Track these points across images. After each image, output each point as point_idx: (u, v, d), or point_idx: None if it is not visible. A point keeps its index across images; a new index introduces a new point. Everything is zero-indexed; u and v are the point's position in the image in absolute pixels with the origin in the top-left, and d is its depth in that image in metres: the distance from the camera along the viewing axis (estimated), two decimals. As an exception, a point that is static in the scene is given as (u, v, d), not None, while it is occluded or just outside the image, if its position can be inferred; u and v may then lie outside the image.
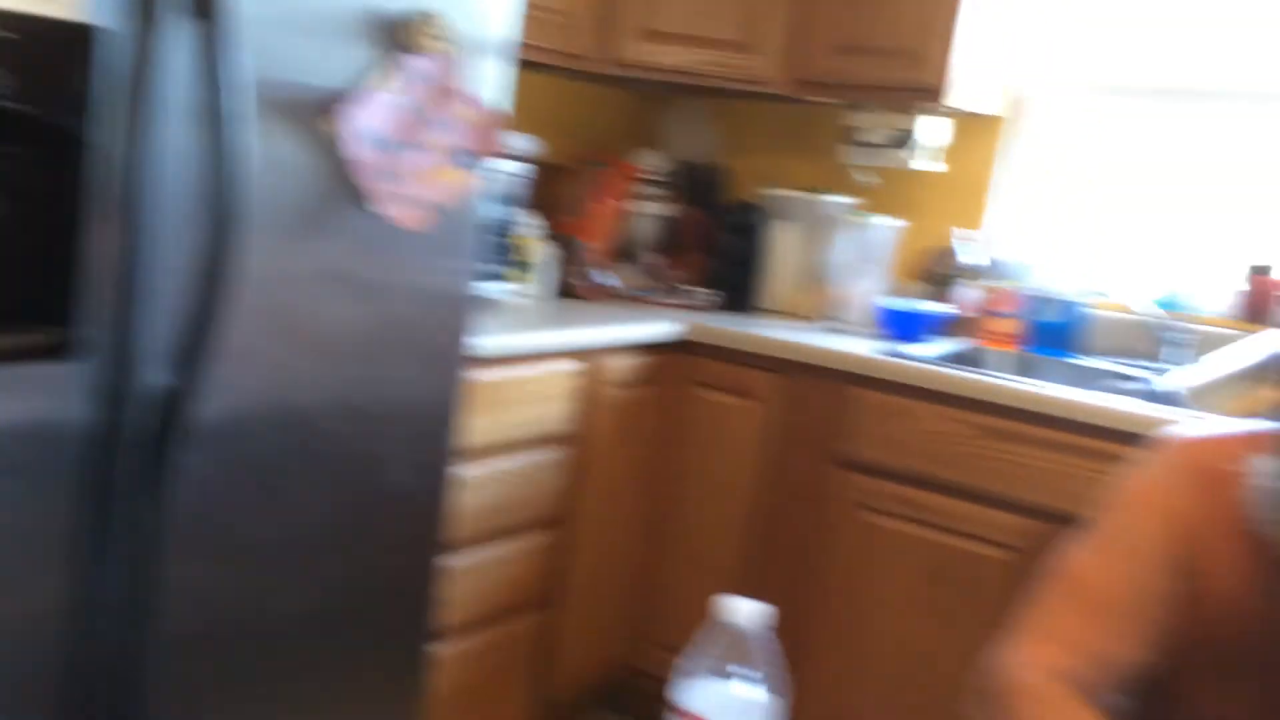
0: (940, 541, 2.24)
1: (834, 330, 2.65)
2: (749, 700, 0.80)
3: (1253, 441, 1.08)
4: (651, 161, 2.92)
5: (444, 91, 1.48)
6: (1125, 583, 1.10)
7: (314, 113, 1.44)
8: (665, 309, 2.73)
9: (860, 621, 2.35)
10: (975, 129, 2.80)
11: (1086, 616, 1.10)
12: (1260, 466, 1.03)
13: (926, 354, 2.46)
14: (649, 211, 2.91)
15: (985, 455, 2.19)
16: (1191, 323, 2.49)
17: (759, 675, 0.80)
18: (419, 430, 1.81)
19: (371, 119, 1.42)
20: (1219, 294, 2.53)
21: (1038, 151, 2.80)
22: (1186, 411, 2.06)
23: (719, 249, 2.87)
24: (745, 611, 0.81)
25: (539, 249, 2.65)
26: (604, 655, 2.57)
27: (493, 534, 2.21)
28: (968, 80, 2.59)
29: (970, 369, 2.42)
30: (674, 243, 3.00)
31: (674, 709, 0.83)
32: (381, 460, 1.77)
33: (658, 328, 2.49)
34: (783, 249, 2.86)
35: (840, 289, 2.70)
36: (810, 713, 2.41)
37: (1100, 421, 2.04)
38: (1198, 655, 1.10)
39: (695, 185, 3.05)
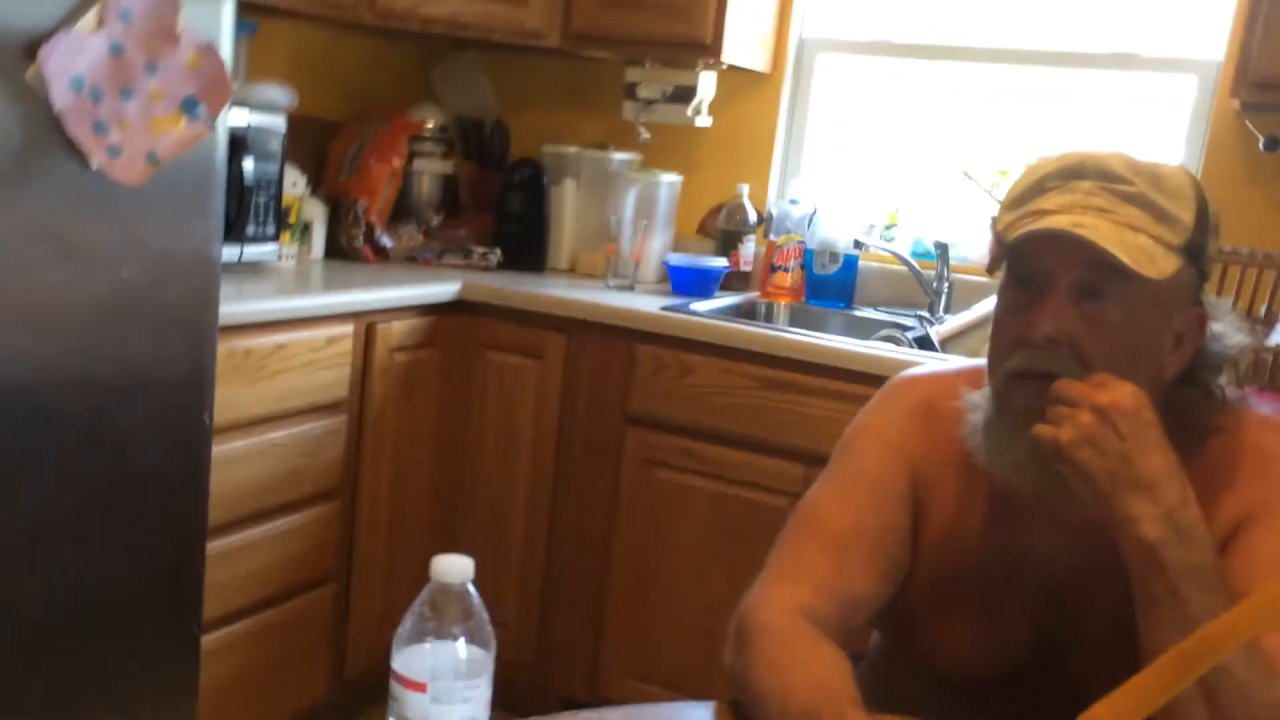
0: (726, 493, 2.27)
1: (622, 288, 2.63)
2: (459, 658, 0.77)
3: (969, 377, 1.12)
4: (429, 118, 2.83)
5: (161, 33, 1.35)
6: (864, 520, 1.12)
7: (12, 54, 1.30)
8: (447, 270, 2.65)
9: (655, 575, 2.36)
10: (755, 85, 2.83)
11: (829, 555, 1.11)
12: (969, 399, 1.06)
13: (709, 309, 2.48)
14: (428, 169, 2.81)
15: (767, 406, 2.22)
16: (959, 273, 2.59)
17: (466, 631, 0.77)
18: (169, 405, 1.69)
19: (77, 62, 1.29)
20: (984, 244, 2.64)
21: (817, 107, 2.85)
22: (944, 357, 2.15)
23: (502, 208, 2.81)
24: (449, 568, 0.77)
25: (309, 208, 2.52)
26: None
27: (267, 510, 2.10)
28: (744, 36, 2.61)
29: (751, 322, 2.45)
30: (455, 202, 2.91)
31: (392, 675, 0.78)
32: (127, 438, 1.64)
33: (438, 289, 2.41)
34: (568, 207, 2.82)
35: (627, 245, 2.69)
36: (611, 667, 2.42)
37: (872, 370, 2.09)
38: (925, 583, 1.14)
39: (475, 142, 2.97)
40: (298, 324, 2.08)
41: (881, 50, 2.78)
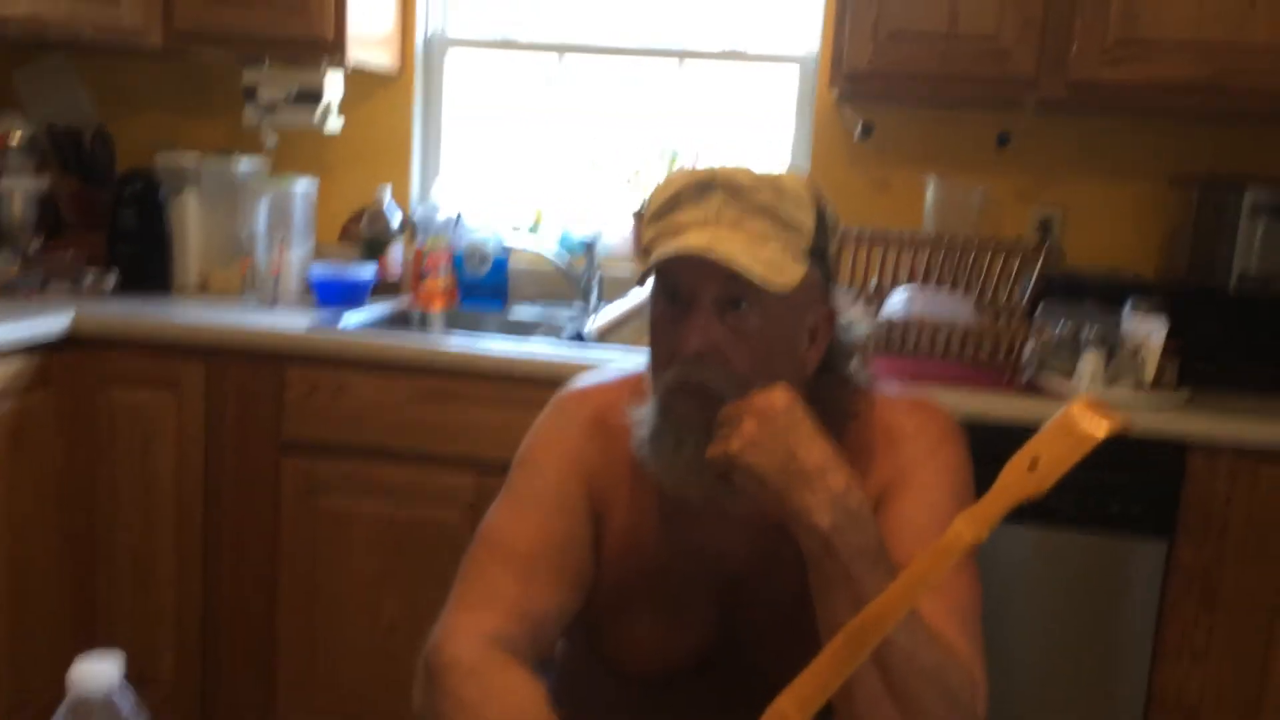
0: (396, 512, 2.20)
1: (262, 305, 2.46)
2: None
3: (632, 386, 1.15)
4: (13, 129, 2.49)
5: None
6: (546, 535, 1.12)
7: None
8: (54, 300, 2.35)
9: (326, 607, 2.25)
10: (385, 85, 2.74)
11: (514, 576, 1.10)
12: (635, 413, 1.09)
13: (359, 322, 2.38)
14: (18, 187, 2.47)
15: (431, 418, 2.16)
16: (607, 265, 2.65)
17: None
18: None
19: None
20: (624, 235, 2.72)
21: (451, 106, 2.81)
22: (601, 350, 2.20)
23: (114, 225, 2.53)
24: (88, 676, 0.67)
25: None
26: (48, 700, 2.20)
27: None
28: (367, 34, 2.52)
29: (405, 333, 2.38)
30: (57, 222, 2.59)
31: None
32: None
33: (44, 323, 2.14)
34: (190, 220, 2.59)
35: (263, 259, 2.52)
36: (287, 709, 2.28)
37: (533, 373, 2.10)
38: (610, 588, 1.15)
39: (74, 154, 2.65)
40: None
41: (509, 46, 2.78)
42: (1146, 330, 2.04)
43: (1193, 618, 1.98)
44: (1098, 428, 0.83)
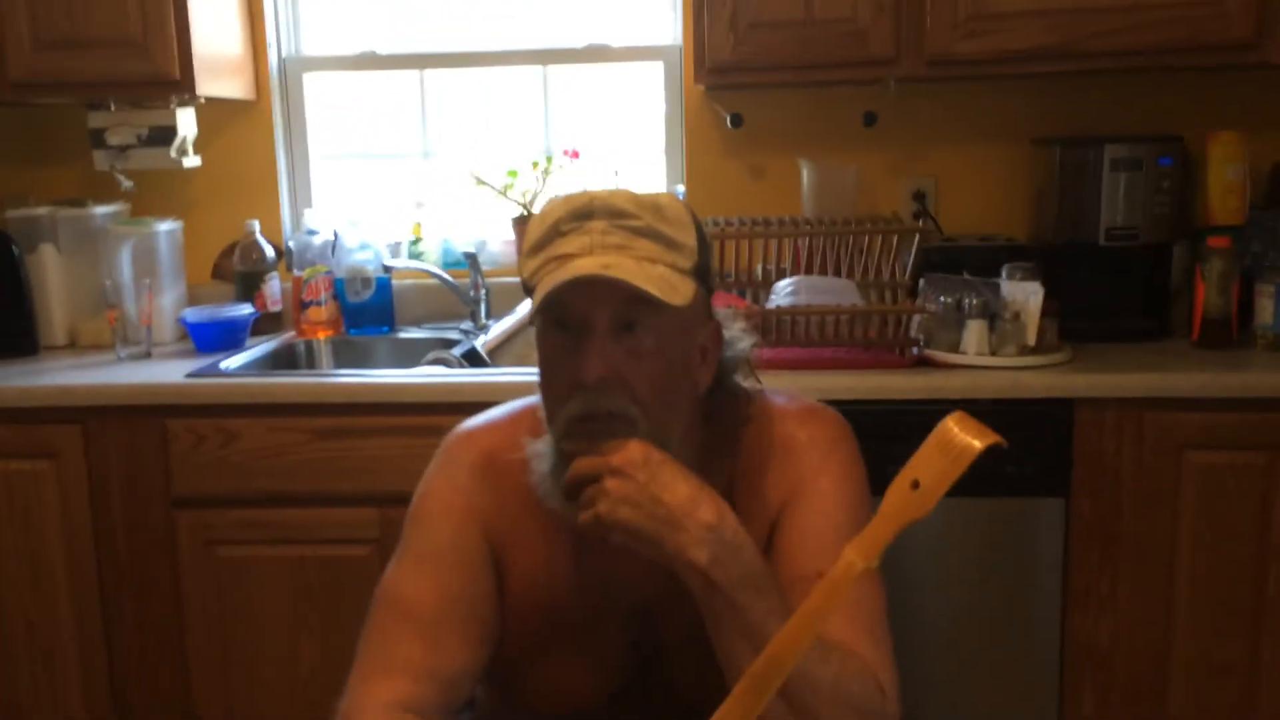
0: (302, 555, 2.14)
1: (136, 357, 2.36)
2: None
3: (527, 422, 1.12)
4: None
5: None
6: (447, 592, 1.10)
7: None
8: (-92, 377, 2.23)
9: (242, 658, 2.18)
10: (243, 114, 2.64)
11: (419, 637, 1.08)
12: (532, 449, 1.07)
13: (242, 363, 2.30)
14: None
15: (327, 456, 2.10)
16: (493, 277, 2.61)
17: None
18: None
19: None
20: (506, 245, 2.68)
21: (315, 129, 2.72)
22: (494, 370, 2.16)
23: (-35, 289, 2.40)
24: None
25: None
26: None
27: None
28: (216, 65, 2.42)
29: (292, 372, 2.31)
30: (-96, 293, 2.45)
31: None
32: None
33: (-101, 406, 2.03)
34: (50, 275, 2.47)
35: (132, 308, 2.41)
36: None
37: (426, 398, 2.05)
38: (520, 632, 1.14)
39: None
40: None
41: (368, 64, 2.71)
42: (1024, 294, 2.08)
43: (1096, 566, 2.04)
44: (972, 442, 0.84)
